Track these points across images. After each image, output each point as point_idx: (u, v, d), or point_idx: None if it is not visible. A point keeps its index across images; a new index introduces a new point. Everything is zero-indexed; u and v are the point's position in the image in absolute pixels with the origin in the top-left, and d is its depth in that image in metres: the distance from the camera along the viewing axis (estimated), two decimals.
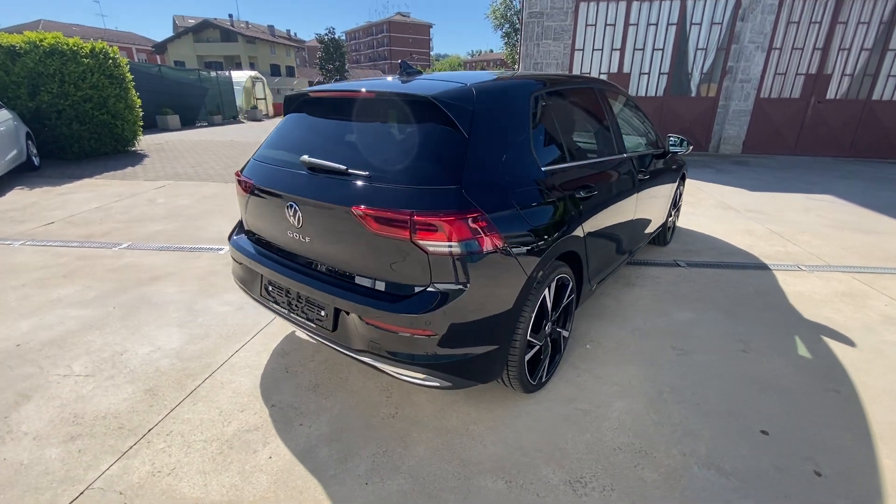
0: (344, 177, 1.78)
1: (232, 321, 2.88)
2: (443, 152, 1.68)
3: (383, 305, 1.67)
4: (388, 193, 1.65)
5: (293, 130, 2.23)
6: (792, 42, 9.23)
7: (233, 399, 2.16)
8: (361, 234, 1.70)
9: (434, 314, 1.62)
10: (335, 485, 1.69)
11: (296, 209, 1.87)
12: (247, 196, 2.20)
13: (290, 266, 2.00)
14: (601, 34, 9.84)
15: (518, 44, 34.77)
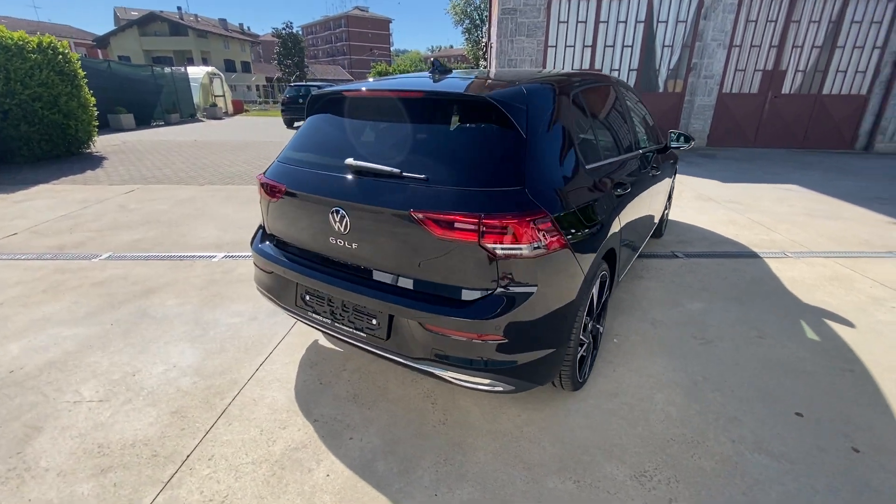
0: (397, 180, 1.71)
1: (247, 333, 2.73)
2: (503, 153, 1.65)
3: (448, 311, 1.63)
4: (449, 196, 1.61)
5: (324, 131, 2.13)
6: (750, 40, 9.75)
7: (271, 416, 2.05)
8: (421, 238, 1.64)
9: (503, 318, 1.59)
10: (404, 499, 1.64)
11: (343, 214, 1.78)
12: (276, 201, 2.08)
13: (334, 274, 1.91)
14: (573, 31, 10.02)
15: (480, 39, 34.77)
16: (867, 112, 10.00)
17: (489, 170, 1.63)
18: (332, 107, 2.14)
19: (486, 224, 1.53)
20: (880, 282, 3.51)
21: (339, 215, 1.80)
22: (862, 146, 10.29)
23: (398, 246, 1.72)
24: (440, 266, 1.66)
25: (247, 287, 3.34)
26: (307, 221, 1.97)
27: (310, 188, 1.91)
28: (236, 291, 3.28)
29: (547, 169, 1.73)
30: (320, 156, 2.03)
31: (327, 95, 2.14)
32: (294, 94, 14.90)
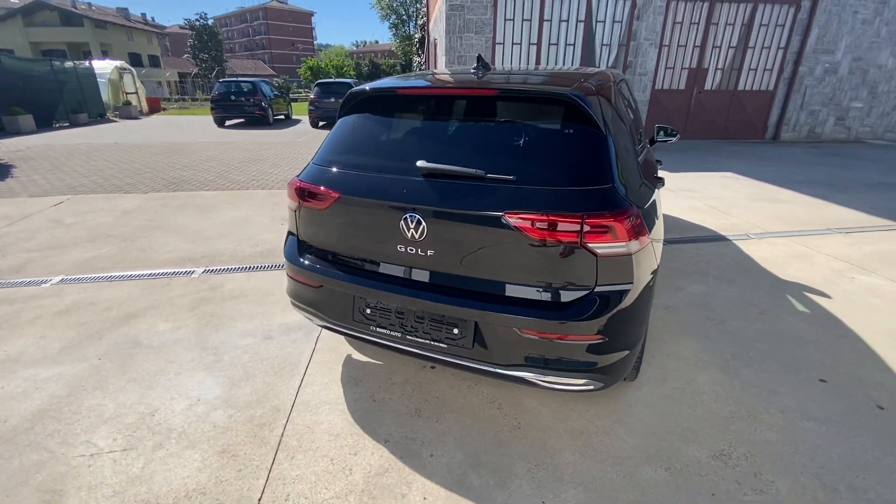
0: (481, 182, 1.64)
1: (268, 354, 2.49)
2: (589, 150, 1.63)
3: (547, 314, 1.59)
4: (542, 197, 1.57)
5: (375, 132, 1.98)
6: (678, 40, 10.59)
7: (335, 442, 1.89)
8: (514, 241, 1.59)
9: (604, 317, 1.58)
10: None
11: (419, 220, 1.68)
12: (324, 209, 1.91)
13: (406, 283, 1.80)
14: (519, 29, 10.27)
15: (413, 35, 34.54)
16: (774, 105, 11.31)
17: (578, 168, 1.61)
18: (378, 105, 2.00)
19: (589, 223, 1.51)
20: (833, 256, 3.99)
21: (413, 221, 1.69)
22: (771, 136, 11.63)
23: (485, 250, 1.65)
24: (534, 268, 1.61)
25: (246, 304, 3.05)
26: (371, 229, 1.82)
27: (376, 194, 1.77)
28: (235, 309, 2.98)
29: (623, 164, 1.74)
30: (377, 158, 1.89)
31: (373, 93, 1.99)
32: (225, 91, 13.80)
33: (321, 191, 1.90)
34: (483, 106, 1.80)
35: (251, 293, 3.21)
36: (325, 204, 1.90)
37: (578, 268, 1.58)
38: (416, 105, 1.95)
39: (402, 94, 1.95)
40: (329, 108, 13.40)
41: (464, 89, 1.83)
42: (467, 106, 1.83)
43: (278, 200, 5.60)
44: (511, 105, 1.77)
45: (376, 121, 2.00)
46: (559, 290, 1.62)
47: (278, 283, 3.37)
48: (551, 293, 1.63)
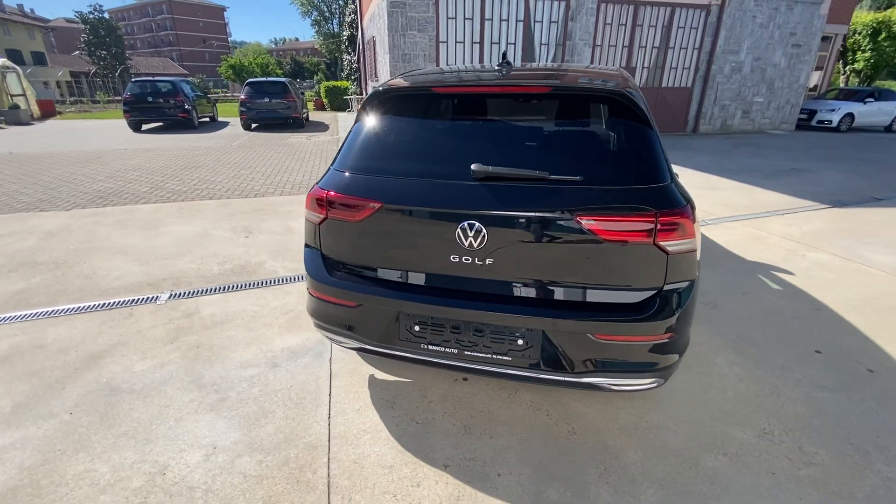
0: (544, 184, 1.57)
1: (280, 385, 2.24)
2: (644, 148, 1.62)
3: (622, 317, 1.56)
4: (611, 197, 1.53)
5: (405, 133, 1.83)
6: (608, 40, 11.23)
7: (391, 475, 1.72)
8: (584, 244, 1.54)
9: (675, 315, 1.58)
10: None
11: (479, 228, 1.57)
12: (359, 220, 1.73)
13: (462, 296, 1.68)
14: (461, 27, 10.30)
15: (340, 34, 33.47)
16: (693, 101, 12.40)
17: (639, 165, 1.59)
18: (409, 104, 1.85)
19: (662, 222, 1.50)
20: (781, 236, 4.42)
21: (473, 229, 1.57)
22: (691, 129, 12.74)
23: (552, 255, 1.58)
24: (604, 270, 1.57)
25: (234, 330, 2.73)
26: (420, 240, 1.68)
27: (427, 202, 1.63)
28: (224, 337, 2.65)
29: (669, 161, 1.76)
30: (419, 163, 1.75)
31: (404, 91, 1.84)
32: (140, 92, 12.42)
33: (356, 201, 1.72)
34: (530, 104, 1.73)
35: (236, 317, 2.88)
36: (361, 215, 1.72)
37: (649, 267, 1.56)
38: (454, 104, 1.83)
39: (439, 93, 1.81)
40: (264, 109, 12.58)
41: (510, 87, 1.74)
42: (512, 104, 1.75)
43: (234, 211, 5.13)
44: (559, 103, 1.72)
45: (409, 121, 1.85)
46: (630, 290, 1.59)
47: (264, 302, 3.06)
48: (623, 294, 1.60)
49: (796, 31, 12.26)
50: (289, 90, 12.71)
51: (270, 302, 3.08)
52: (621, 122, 1.63)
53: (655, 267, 1.56)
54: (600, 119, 1.68)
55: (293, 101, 12.79)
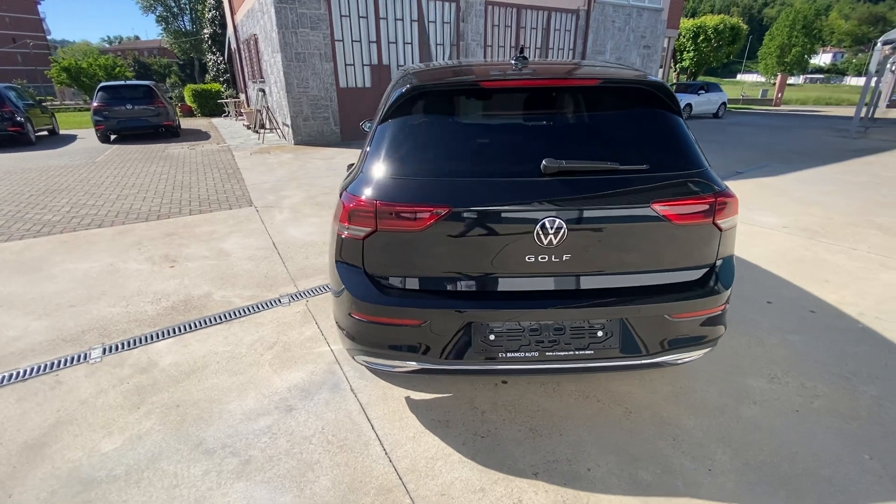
0: (614, 175, 1.58)
1: (309, 429, 1.94)
2: (684, 135, 1.72)
3: (693, 294, 1.66)
4: (676, 183, 1.61)
5: (451, 131, 1.71)
6: (498, 41, 11.86)
7: (485, 499, 1.61)
8: (657, 230, 1.60)
9: (730, 287, 1.73)
10: (701, 490, 1.63)
11: (559, 224, 1.53)
12: (420, 230, 1.56)
13: (541, 296, 1.62)
14: (357, 26, 9.98)
15: (201, 32, 29.84)
16: None
17: (685, 153, 1.69)
18: (449, 101, 1.72)
19: (719, 202, 1.62)
20: None
21: (553, 226, 1.53)
22: None
23: (626, 244, 1.61)
24: (672, 252, 1.65)
25: (215, 377, 2.30)
26: (493, 243, 1.58)
27: (502, 202, 1.54)
28: (207, 388, 2.21)
29: None
30: (477, 163, 1.63)
31: (446, 87, 1.72)
32: (107, 98, 10.12)
33: (418, 208, 1.55)
34: (576, 97, 1.73)
35: (209, 362, 2.42)
36: (423, 223, 1.56)
37: (707, 244, 1.68)
38: (500, 99, 1.74)
39: (486, 88, 1.71)
40: (127, 118, 10.73)
41: (559, 80, 1.71)
42: (558, 98, 1.73)
43: (138, 238, 4.29)
44: (605, 95, 1.74)
45: (455, 119, 1.72)
46: (693, 268, 1.70)
47: (235, 340, 2.62)
48: (688, 273, 1.69)
49: (646, 35, 14.31)
50: (156, 94, 11.04)
51: (243, 338, 2.65)
52: (661, 113, 1.71)
53: (712, 244, 1.69)
54: (644, 109, 1.74)
55: (163, 107, 11.15)
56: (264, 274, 3.52)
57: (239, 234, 4.40)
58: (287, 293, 3.20)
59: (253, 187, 6.29)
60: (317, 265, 3.66)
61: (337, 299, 1.82)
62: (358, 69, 10.29)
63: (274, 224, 4.70)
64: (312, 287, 3.28)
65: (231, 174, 7.17)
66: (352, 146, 9.96)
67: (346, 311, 1.74)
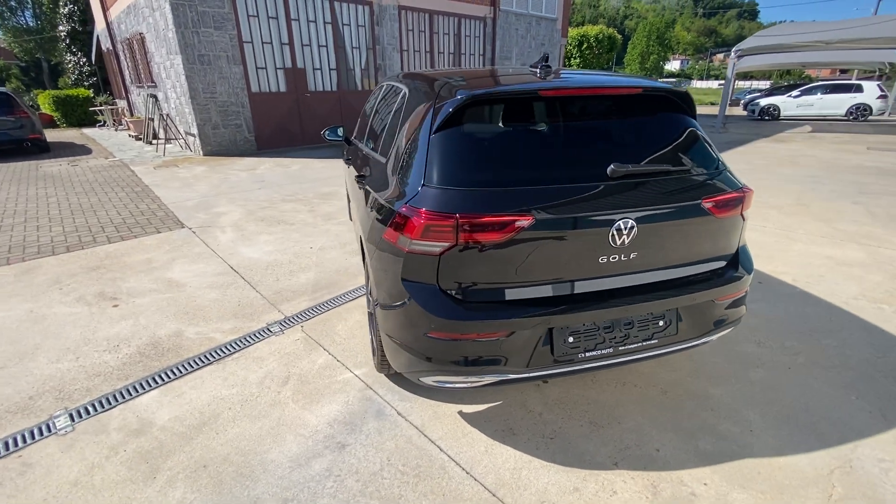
0: (667, 176, 1.72)
1: (375, 464, 1.81)
2: (705, 139, 1.92)
3: (733, 277, 1.86)
4: (712, 180, 1.79)
5: (518, 139, 1.72)
6: (413, 45, 11.89)
7: (583, 497, 1.64)
8: (703, 224, 1.77)
9: (753, 269, 1.97)
10: (754, 449, 1.83)
11: (631, 225, 1.62)
12: (500, 239, 1.55)
13: (614, 294, 1.70)
14: (266, 27, 9.31)
15: (54, 28, 25.24)
16: None
17: (710, 154, 1.89)
18: (514, 110, 1.74)
19: (746, 196, 1.84)
20: None
21: (627, 226, 1.62)
22: None
23: (681, 238, 1.76)
24: (714, 242, 1.84)
25: (234, 426, 2.03)
26: (572, 246, 1.62)
27: (581, 206, 1.58)
28: (229, 440, 1.95)
29: None
30: (546, 169, 1.65)
31: (505, 96, 1.75)
32: None
33: (502, 218, 1.53)
34: (617, 104, 1.83)
35: (219, 410, 2.12)
36: (506, 233, 1.54)
37: (735, 234, 1.90)
38: (553, 106, 1.77)
39: (545, 96, 1.73)
40: None
41: (608, 88, 1.79)
42: (605, 104, 1.82)
43: (54, 276, 3.57)
44: (639, 103, 1.86)
45: (516, 127, 1.72)
46: (727, 256, 1.91)
47: (237, 380, 2.33)
48: (723, 260, 1.90)
49: (545, 42, 15.43)
50: (17, 103, 9.19)
51: (247, 377, 2.36)
52: (687, 118, 1.89)
53: (737, 233, 1.91)
54: (674, 115, 1.89)
55: (27, 118, 9.32)
56: (236, 302, 3.16)
57: (184, 261, 3.88)
58: (274, 321, 2.91)
59: (176, 206, 5.57)
60: (293, 286, 3.38)
61: (402, 322, 1.72)
62: (271, 73, 9.61)
63: (221, 246, 4.23)
64: (301, 311, 3.02)
65: (140, 192, 6.26)
66: (271, 155, 9.29)
67: (420, 333, 1.65)
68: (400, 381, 2.28)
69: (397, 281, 1.69)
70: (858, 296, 3.10)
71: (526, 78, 2.00)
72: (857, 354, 2.44)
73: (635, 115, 1.86)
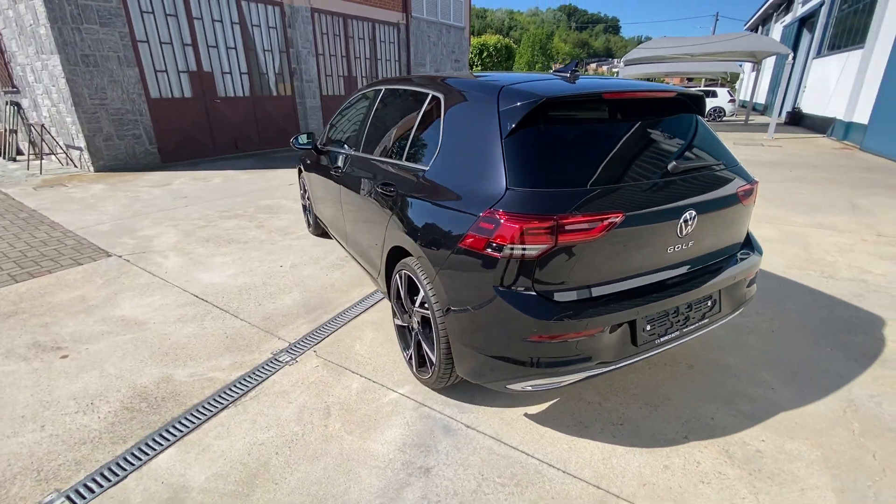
0: (710, 170, 1.92)
1: (469, 481, 1.74)
2: (718, 137, 2.18)
3: (752, 258, 2.12)
4: (733, 174, 2.03)
5: (588, 140, 1.77)
6: (329, 49, 11.45)
7: (673, 473, 1.75)
8: (735, 210, 2.00)
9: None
10: (781, 403, 2.11)
11: (694, 215, 1.78)
12: (592, 238, 1.60)
13: (678, 282, 1.84)
14: (164, 25, 8.29)
15: None
16: None
17: (726, 150, 2.13)
18: (585, 113, 1.81)
19: (756, 187, 2.12)
20: None
21: (692, 218, 1.78)
22: None
23: (720, 225, 1.96)
24: (738, 228, 2.08)
25: (294, 472, 1.80)
26: (650, 239, 1.73)
27: (660, 201, 1.70)
28: (300, 485, 1.73)
29: None
30: (619, 168, 1.73)
31: (581, 99, 1.82)
32: None
33: (596, 217, 1.58)
34: (666, 106, 1.99)
35: (265, 456, 1.87)
36: (598, 231, 1.59)
37: (749, 219, 2.17)
38: (614, 109, 1.85)
39: (609, 99, 1.80)
40: None
41: (655, 92, 1.92)
42: (650, 107, 1.95)
43: None
44: (675, 105, 2.03)
45: (584, 128, 1.77)
46: (744, 238, 2.17)
47: (269, 420, 2.07)
48: (743, 243, 2.16)
49: (455, 50, 15.89)
50: None
51: (280, 415, 2.11)
52: (700, 119, 2.13)
53: (749, 218, 2.19)
54: (693, 116, 2.10)
55: None
56: (222, 334, 2.79)
57: (130, 295, 3.32)
58: (278, 349, 2.63)
59: (86, 232, 4.71)
60: (282, 309, 3.08)
61: (495, 330, 1.69)
62: (173, 76, 8.57)
63: (171, 273, 3.69)
64: (304, 335, 2.77)
65: (29, 219, 5.18)
66: (181, 168, 8.29)
67: (518, 338, 1.63)
68: (451, 393, 2.22)
69: (488, 288, 1.65)
70: (789, 266, 3.71)
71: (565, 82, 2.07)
72: (815, 314, 2.94)
73: (670, 116, 2.04)
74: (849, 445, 1.88)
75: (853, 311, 2.97)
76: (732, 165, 2.08)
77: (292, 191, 6.60)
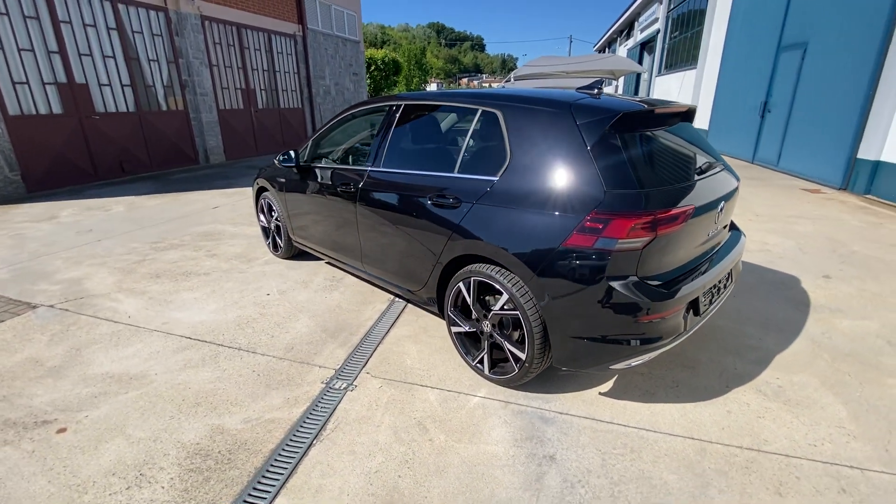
0: (717, 170, 2.38)
1: (593, 460, 1.91)
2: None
3: (744, 238, 2.66)
4: (728, 170, 2.55)
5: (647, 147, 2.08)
6: (223, 60, 10.52)
7: (734, 409, 2.14)
8: (735, 199, 2.50)
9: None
10: (772, 351, 2.68)
11: (724, 206, 2.21)
12: (676, 230, 1.92)
13: (713, 263, 2.25)
14: (23, 29, 6.87)
15: None
16: (306, 120, 13.62)
17: (716, 152, 2.65)
18: (643, 123, 2.11)
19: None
20: None
21: (724, 207, 2.21)
22: None
23: (729, 213, 2.44)
24: (731, 215, 2.59)
25: (438, 479, 1.80)
26: (702, 227, 2.10)
27: (709, 196, 2.09)
28: (443, 497, 1.73)
29: None
30: (671, 168, 2.07)
31: (645, 112, 2.12)
32: None
33: (681, 211, 1.89)
34: (684, 117, 2.39)
35: (397, 485, 1.82)
36: (681, 222, 1.91)
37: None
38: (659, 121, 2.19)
39: (659, 114, 2.13)
40: None
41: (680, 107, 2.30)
42: (674, 118, 2.34)
43: None
44: (685, 115, 2.46)
45: (642, 136, 2.07)
46: (732, 223, 2.71)
47: (364, 450, 2.00)
48: (732, 226, 2.69)
49: (353, 63, 15.75)
50: None
51: (377, 439, 2.05)
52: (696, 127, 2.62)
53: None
54: (692, 125, 2.57)
55: None
56: (252, 373, 2.54)
57: (99, 347, 2.80)
58: (326, 377, 2.50)
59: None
60: (301, 338, 2.89)
61: (608, 317, 1.89)
62: (37, 89, 7.13)
63: (137, 318, 3.18)
64: (346, 359, 2.66)
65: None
66: (59, 198, 6.92)
67: (629, 321, 1.87)
68: (528, 388, 2.36)
69: (599, 279, 1.85)
70: None
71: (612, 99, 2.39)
72: (752, 279, 3.70)
73: (684, 123, 2.47)
74: (831, 371, 2.48)
75: (775, 274, 3.81)
76: (725, 164, 2.60)
77: (222, 214, 6.00)
